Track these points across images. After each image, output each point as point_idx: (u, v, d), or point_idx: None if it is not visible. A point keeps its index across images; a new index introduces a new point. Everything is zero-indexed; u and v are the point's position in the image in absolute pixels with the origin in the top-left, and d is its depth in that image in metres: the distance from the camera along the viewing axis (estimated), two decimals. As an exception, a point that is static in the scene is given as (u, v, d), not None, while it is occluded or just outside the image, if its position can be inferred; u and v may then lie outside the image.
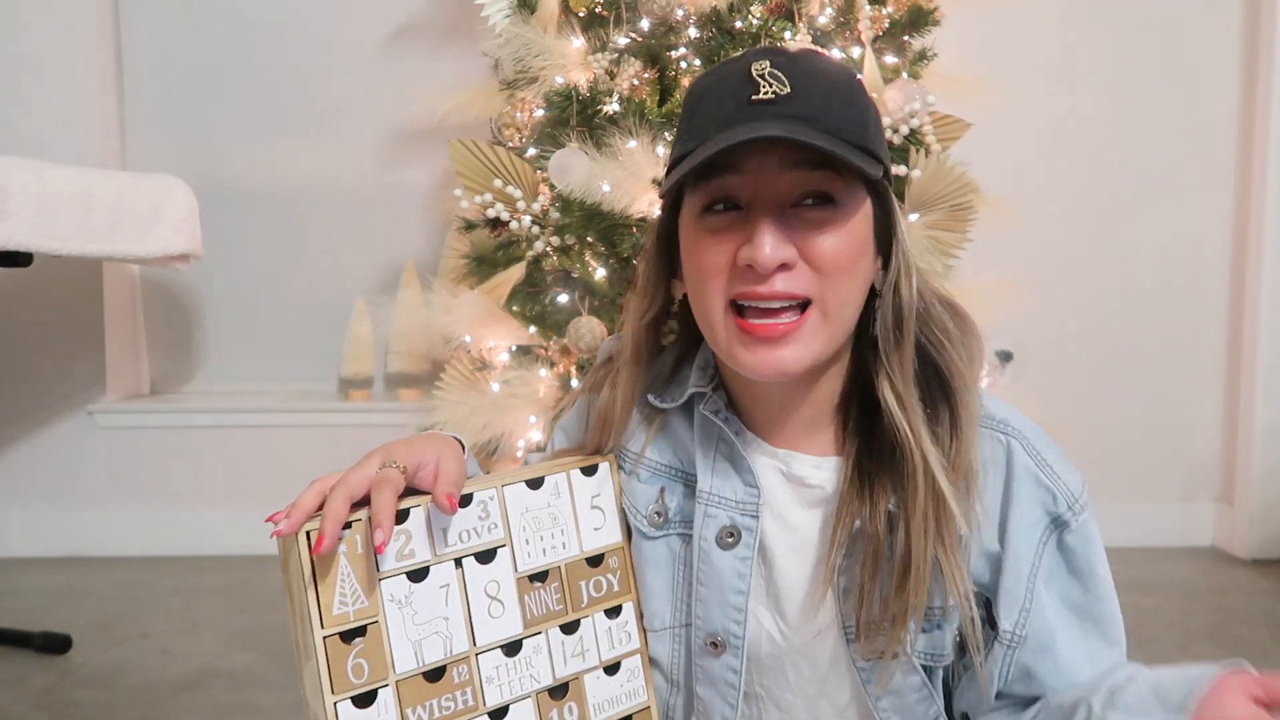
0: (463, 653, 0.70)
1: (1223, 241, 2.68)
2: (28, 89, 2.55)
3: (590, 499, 0.79)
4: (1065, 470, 0.74)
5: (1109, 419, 2.65)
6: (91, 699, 1.79)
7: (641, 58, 1.80)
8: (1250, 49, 2.61)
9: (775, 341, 0.67)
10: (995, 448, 0.73)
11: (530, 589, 0.74)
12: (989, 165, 1.94)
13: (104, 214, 1.89)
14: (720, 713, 0.78)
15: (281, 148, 2.73)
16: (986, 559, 0.73)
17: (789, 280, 0.67)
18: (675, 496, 0.79)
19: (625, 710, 0.78)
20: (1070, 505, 0.72)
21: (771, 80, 0.66)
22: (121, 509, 2.66)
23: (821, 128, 0.65)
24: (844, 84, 0.69)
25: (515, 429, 1.77)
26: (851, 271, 0.69)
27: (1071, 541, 0.73)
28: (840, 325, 0.70)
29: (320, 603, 0.64)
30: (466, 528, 0.71)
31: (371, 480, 0.65)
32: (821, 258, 0.67)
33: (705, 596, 0.76)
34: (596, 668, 0.77)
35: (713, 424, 0.77)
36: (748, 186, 0.68)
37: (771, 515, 0.76)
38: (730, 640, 0.76)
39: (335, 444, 2.52)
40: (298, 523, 0.62)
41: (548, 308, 1.82)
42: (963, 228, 1.79)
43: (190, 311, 2.81)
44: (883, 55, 1.83)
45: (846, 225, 0.68)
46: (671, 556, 0.79)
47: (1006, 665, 0.73)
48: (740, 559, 0.75)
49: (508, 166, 1.79)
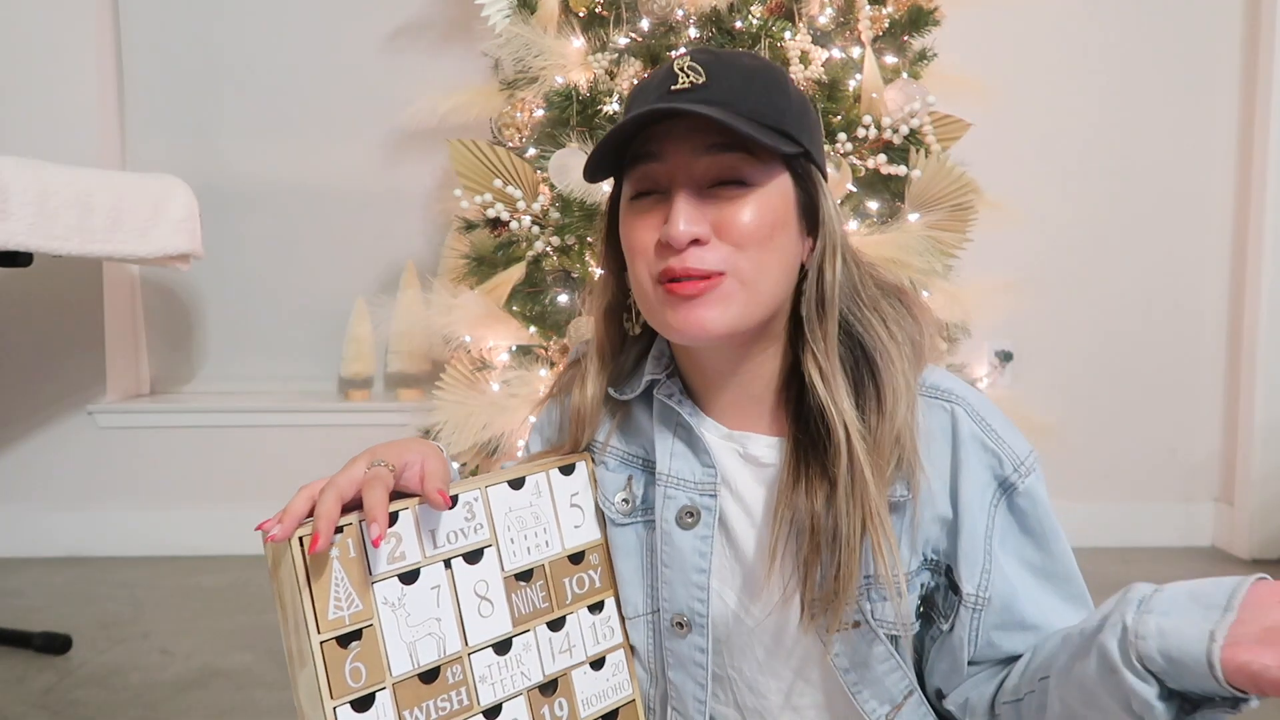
0: (456, 653, 0.71)
1: (1223, 241, 2.68)
2: (28, 89, 2.55)
3: (570, 497, 0.80)
4: (1010, 435, 0.76)
5: (1109, 419, 2.65)
6: (91, 699, 1.79)
7: (641, 58, 1.80)
8: (1250, 49, 2.61)
9: (695, 300, 0.71)
10: (940, 416, 0.75)
11: (517, 588, 0.75)
12: (989, 165, 1.94)
13: (104, 214, 1.89)
14: (692, 695, 0.79)
15: (281, 148, 2.74)
16: (942, 525, 0.75)
17: (701, 255, 0.71)
18: (640, 484, 0.82)
19: (612, 704, 0.79)
20: (1016, 468, 0.74)
21: (690, 72, 0.72)
22: (121, 509, 2.66)
23: (734, 111, 0.69)
24: (764, 75, 0.74)
25: (515, 429, 1.77)
26: (766, 245, 0.72)
27: (1021, 503, 0.75)
28: (760, 295, 0.73)
29: (315, 607, 0.64)
30: (454, 529, 0.72)
31: (360, 481, 0.66)
32: (732, 230, 0.71)
33: (670, 577, 0.79)
34: (583, 663, 0.78)
35: (669, 408, 0.81)
36: (667, 172, 0.73)
37: (730, 494, 0.79)
38: (695, 620, 0.78)
39: (335, 444, 2.52)
40: (290, 528, 0.63)
41: (548, 308, 1.82)
42: (963, 228, 1.79)
43: (190, 311, 2.82)
44: (883, 55, 1.83)
45: (759, 201, 0.72)
46: (640, 543, 0.81)
47: (974, 629, 0.74)
48: (700, 538, 0.78)
49: (508, 166, 1.79)
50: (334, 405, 2.71)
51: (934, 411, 0.75)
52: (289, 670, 0.65)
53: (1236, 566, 2.52)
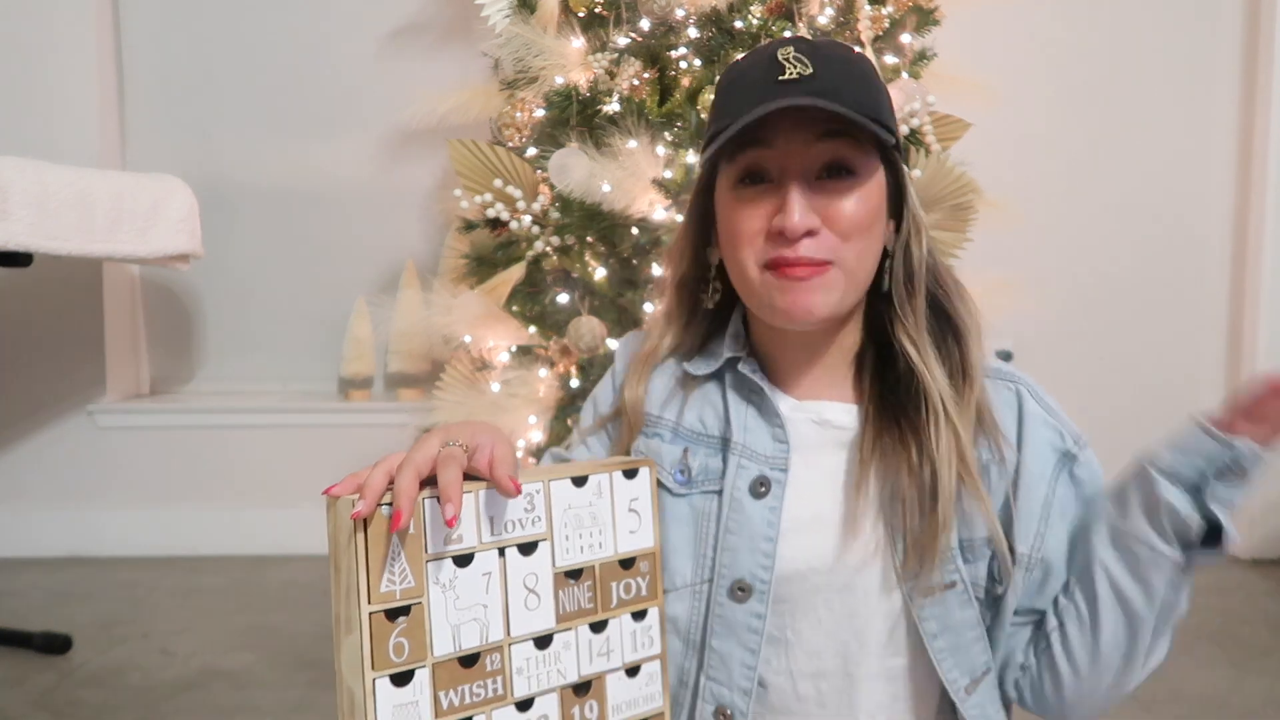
0: (497, 641, 0.71)
1: (1223, 240, 2.68)
2: (28, 89, 2.55)
3: (629, 502, 0.80)
4: (1065, 415, 0.83)
5: (1109, 418, 2.64)
6: (91, 699, 1.79)
7: (641, 58, 1.80)
8: (1250, 49, 2.61)
9: (805, 284, 0.75)
10: (1007, 395, 0.82)
11: (565, 585, 0.75)
12: (989, 165, 1.94)
13: (104, 214, 1.89)
14: (740, 661, 0.80)
15: (281, 148, 2.74)
16: (1007, 493, 0.80)
17: (813, 245, 0.75)
18: (699, 457, 0.84)
19: (642, 713, 0.79)
20: (1075, 441, 0.81)
21: (796, 63, 0.74)
22: (121, 509, 2.66)
23: (840, 101, 0.73)
24: (860, 67, 0.78)
25: (515, 429, 1.77)
26: (868, 234, 0.77)
27: (1080, 473, 0.81)
28: (857, 281, 0.78)
29: (369, 578, 0.64)
30: (513, 518, 0.72)
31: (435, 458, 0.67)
32: (842, 223, 0.75)
33: (734, 544, 0.80)
34: (619, 669, 0.78)
35: (747, 382, 0.83)
36: (777, 159, 0.76)
37: (803, 461, 0.81)
38: (757, 585, 0.79)
39: (335, 444, 2.52)
40: (372, 504, 0.63)
41: (548, 308, 1.82)
42: (963, 228, 1.80)
43: (190, 311, 2.82)
44: (883, 55, 1.83)
45: (864, 192, 0.76)
46: (694, 514, 0.83)
47: (1023, 585, 0.80)
48: (770, 508, 0.80)
49: (508, 166, 1.79)
50: (334, 405, 2.71)
51: (1000, 391, 0.82)
52: (334, 634, 0.66)
53: (1236, 566, 2.53)
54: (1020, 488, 0.79)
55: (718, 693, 0.80)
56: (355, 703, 0.65)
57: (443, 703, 0.68)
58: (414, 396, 2.65)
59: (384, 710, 0.65)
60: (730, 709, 0.80)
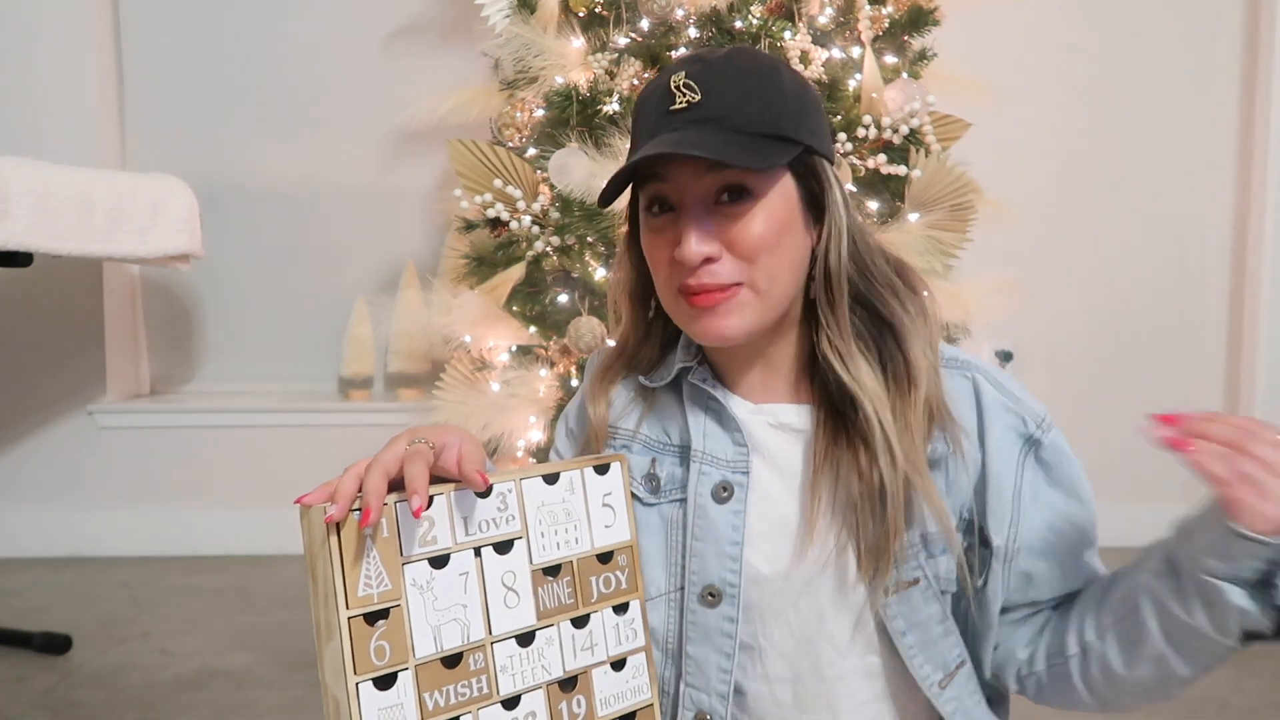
0: (479, 640, 0.72)
1: (1223, 241, 2.68)
2: (28, 89, 2.55)
3: (602, 497, 0.81)
4: (1026, 397, 0.81)
5: (1109, 418, 2.64)
6: (91, 699, 1.79)
7: (641, 58, 1.80)
8: (1250, 48, 2.61)
9: (714, 310, 0.75)
10: (962, 384, 0.81)
11: (544, 582, 0.76)
12: (989, 165, 1.94)
13: (104, 214, 1.89)
14: (716, 666, 0.80)
15: (281, 148, 2.74)
16: (972, 485, 0.79)
17: (714, 272, 0.75)
18: (665, 467, 0.85)
19: (630, 706, 0.80)
20: (1038, 424, 0.80)
21: (685, 90, 0.75)
22: (121, 509, 2.66)
23: (730, 126, 0.73)
24: (757, 76, 0.76)
25: (515, 429, 1.77)
26: (775, 251, 0.76)
27: (1047, 456, 0.80)
28: (773, 298, 0.77)
29: (346, 583, 0.65)
30: (486, 518, 0.73)
31: (402, 457, 0.68)
32: (743, 245, 0.75)
33: (701, 550, 0.81)
34: (604, 662, 0.79)
35: (701, 390, 0.84)
36: (674, 191, 0.76)
37: (764, 463, 0.82)
38: (726, 590, 0.80)
39: (335, 444, 2.52)
40: (344, 508, 0.64)
41: (548, 308, 1.82)
42: (963, 228, 1.80)
43: (190, 311, 2.82)
44: (883, 55, 1.83)
45: (765, 211, 0.75)
46: (664, 523, 0.83)
47: (1005, 578, 0.79)
48: (734, 511, 0.80)
49: (508, 166, 1.79)
50: (334, 405, 2.71)
51: (955, 380, 0.80)
52: (315, 642, 0.67)
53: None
54: (989, 482, 0.79)
55: (697, 699, 0.81)
56: (340, 709, 0.65)
57: (428, 704, 0.68)
58: (414, 396, 2.66)
59: (369, 714, 0.65)
60: (710, 714, 0.80)
